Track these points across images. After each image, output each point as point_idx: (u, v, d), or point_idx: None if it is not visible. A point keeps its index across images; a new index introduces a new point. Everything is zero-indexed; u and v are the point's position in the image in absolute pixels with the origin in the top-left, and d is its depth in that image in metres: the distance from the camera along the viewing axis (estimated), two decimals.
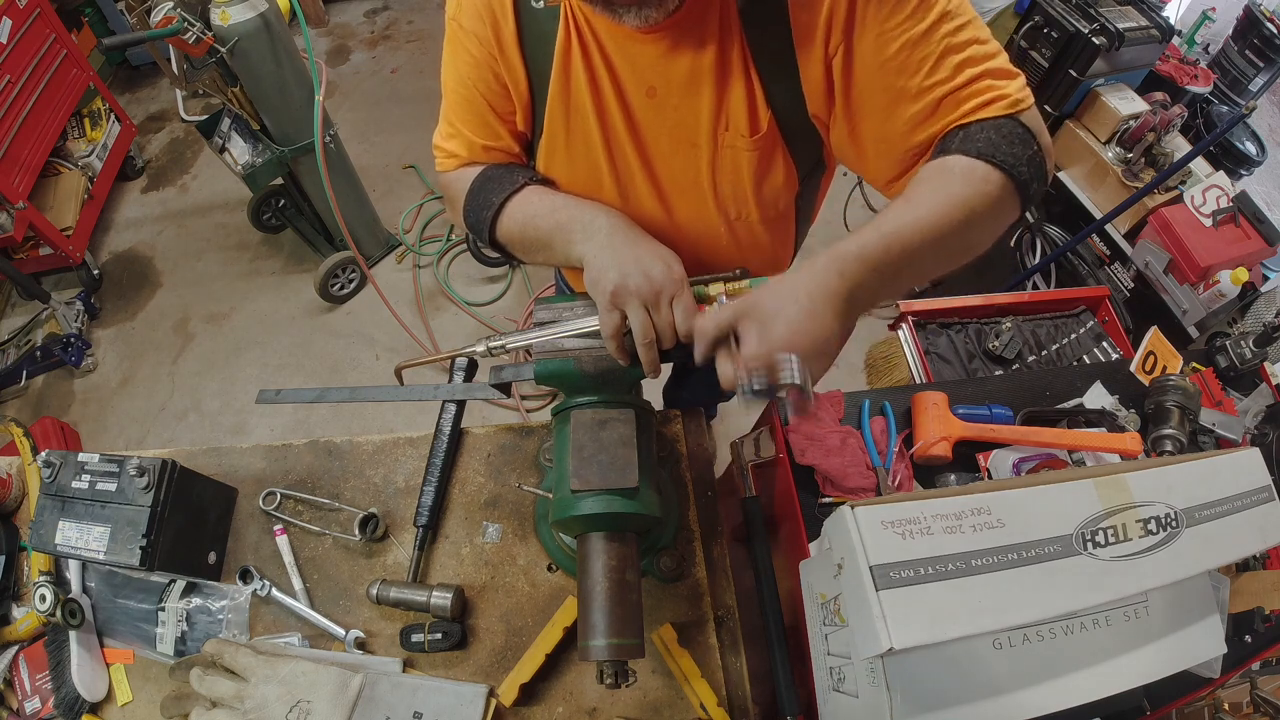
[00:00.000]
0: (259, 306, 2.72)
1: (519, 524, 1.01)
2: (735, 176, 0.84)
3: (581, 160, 0.86)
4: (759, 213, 0.89)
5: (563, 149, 0.86)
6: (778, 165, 0.84)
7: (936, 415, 1.06)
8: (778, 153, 0.82)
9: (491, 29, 0.79)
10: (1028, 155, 0.71)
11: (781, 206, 0.91)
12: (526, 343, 0.81)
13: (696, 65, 0.75)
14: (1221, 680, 0.91)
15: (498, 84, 0.84)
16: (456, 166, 0.91)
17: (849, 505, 0.65)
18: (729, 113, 0.78)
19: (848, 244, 0.66)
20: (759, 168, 0.83)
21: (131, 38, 1.77)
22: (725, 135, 0.80)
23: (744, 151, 0.80)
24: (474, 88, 0.85)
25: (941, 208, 0.67)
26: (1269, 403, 1.27)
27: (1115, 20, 2.12)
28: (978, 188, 0.68)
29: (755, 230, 0.93)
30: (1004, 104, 0.71)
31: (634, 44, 0.75)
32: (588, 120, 0.82)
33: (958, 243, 0.70)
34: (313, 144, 2.04)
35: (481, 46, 0.81)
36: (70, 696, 0.87)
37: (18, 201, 2.29)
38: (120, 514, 0.85)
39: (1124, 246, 2.15)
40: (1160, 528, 0.70)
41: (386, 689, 0.81)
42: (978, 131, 0.71)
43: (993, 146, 0.69)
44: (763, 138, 0.79)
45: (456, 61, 0.85)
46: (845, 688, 0.77)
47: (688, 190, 0.87)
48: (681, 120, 0.80)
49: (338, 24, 3.89)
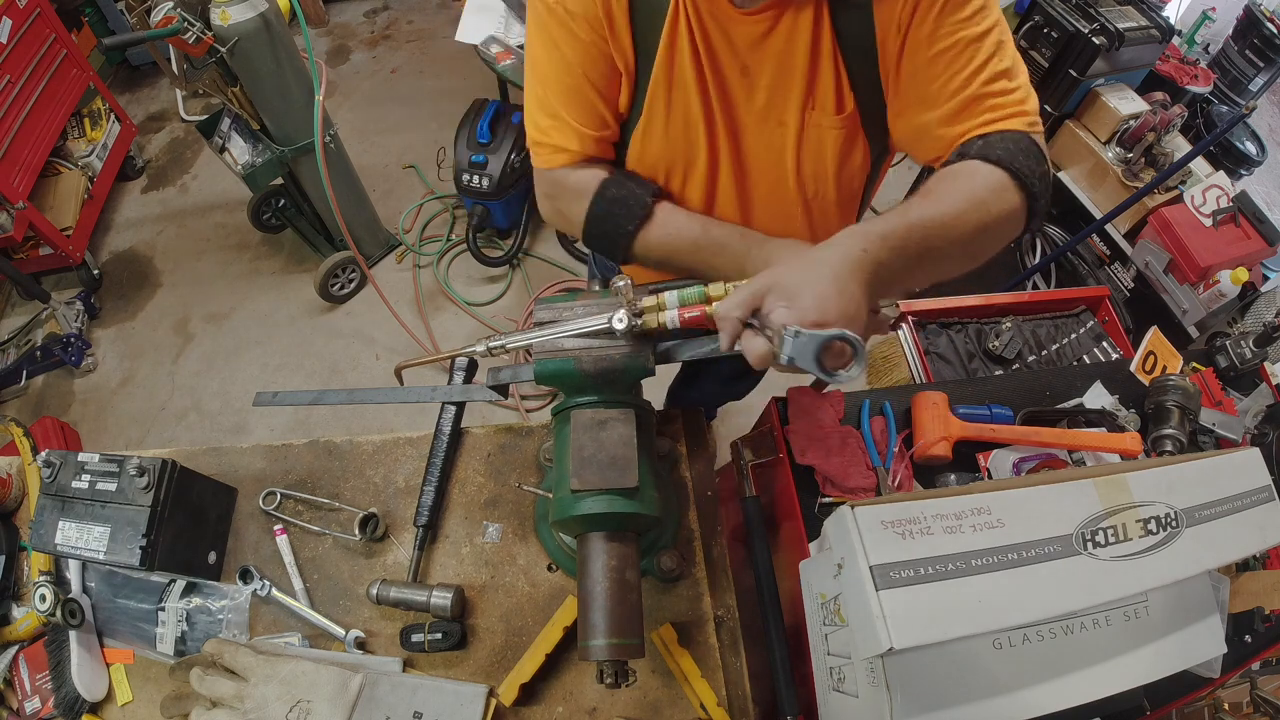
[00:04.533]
0: (259, 306, 2.71)
1: (519, 524, 1.01)
2: (819, 155, 0.87)
3: (679, 139, 0.88)
4: (836, 193, 0.92)
5: (661, 127, 0.87)
6: (858, 146, 0.87)
7: (936, 415, 1.06)
8: (859, 134, 0.86)
9: (602, 7, 0.79)
10: (1040, 171, 0.75)
11: (855, 187, 0.94)
12: (526, 343, 0.81)
13: (790, 46, 0.78)
14: (1221, 680, 0.91)
15: (607, 66, 0.84)
16: (566, 162, 0.89)
17: (849, 505, 0.66)
18: (817, 93, 0.82)
19: (870, 225, 0.68)
20: (843, 147, 0.86)
21: (131, 38, 1.77)
22: (812, 115, 0.83)
23: (829, 130, 0.84)
24: (582, 75, 0.84)
25: (961, 206, 0.71)
26: (1269, 403, 1.27)
27: (1115, 20, 2.12)
28: (996, 193, 0.72)
29: (829, 211, 0.95)
30: (1024, 121, 0.76)
31: (735, 24, 0.78)
32: (690, 97, 0.83)
33: (971, 242, 0.73)
34: (313, 144, 2.04)
35: (591, 29, 0.80)
36: (70, 696, 0.87)
37: (18, 201, 2.29)
38: (120, 514, 0.85)
39: (1124, 246, 2.15)
40: (1160, 528, 0.70)
41: (386, 689, 0.81)
42: (998, 141, 0.74)
43: (1011, 156, 0.73)
44: (848, 117, 0.83)
45: (559, 48, 0.83)
46: (845, 688, 0.77)
47: (770, 170, 0.90)
48: (771, 99, 0.83)
49: (338, 24, 3.88)
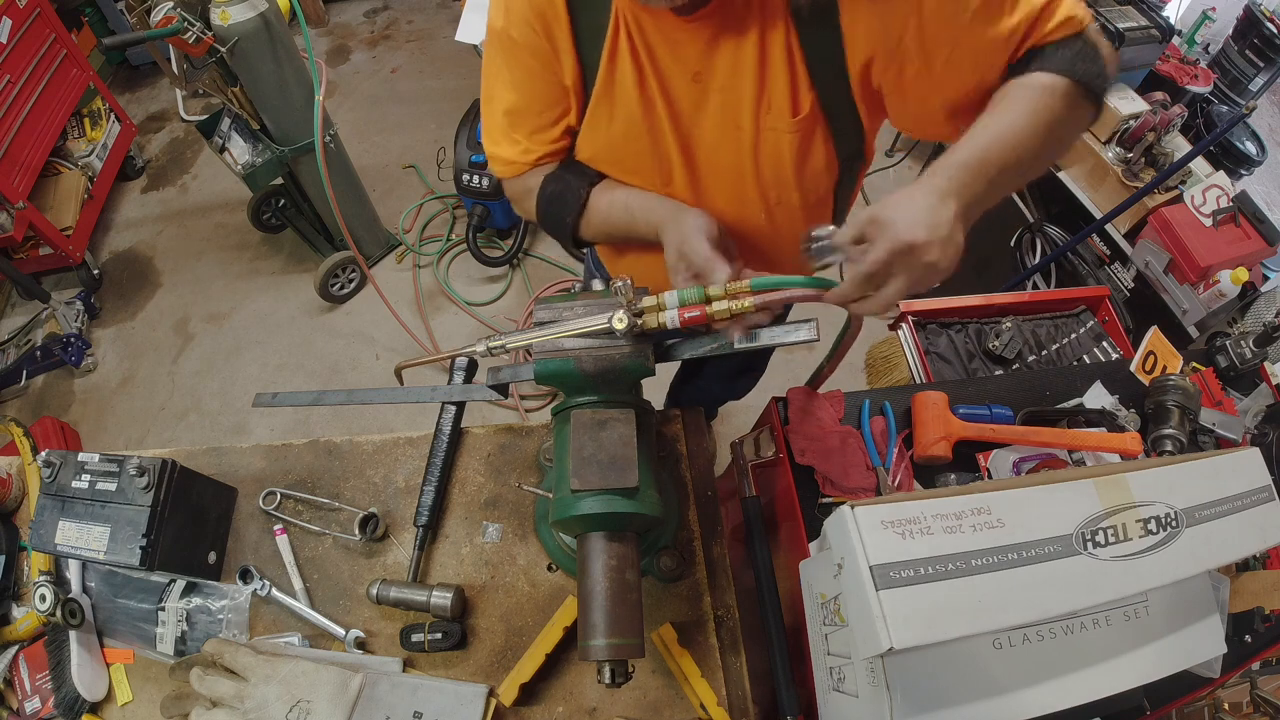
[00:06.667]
0: (259, 306, 2.71)
1: (519, 524, 1.01)
2: (776, 159, 0.85)
3: (622, 146, 0.88)
4: (799, 197, 0.91)
5: (605, 135, 0.88)
6: (818, 148, 0.85)
7: (936, 415, 1.06)
8: (818, 135, 0.84)
9: (544, 33, 0.81)
10: (1099, 70, 0.75)
11: (821, 192, 0.93)
12: (526, 342, 0.81)
13: (740, 48, 0.77)
14: (1221, 680, 0.91)
15: (552, 86, 0.86)
16: (515, 173, 0.96)
17: (849, 505, 0.65)
18: (770, 94, 0.80)
19: (945, 157, 0.70)
20: (800, 149, 0.84)
21: (131, 38, 1.77)
22: (767, 117, 0.81)
23: (785, 133, 0.82)
24: (529, 96, 0.88)
25: (1029, 118, 0.72)
26: (1269, 403, 1.27)
27: (1115, 20, 2.12)
28: (1061, 100, 0.73)
29: (795, 216, 0.94)
30: (1074, 25, 0.74)
31: (678, 31, 0.77)
32: (631, 107, 0.83)
33: (1044, 150, 0.74)
34: (313, 144, 2.04)
35: (535, 56, 0.83)
36: (70, 696, 0.87)
37: (18, 201, 2.29)
38: (120, 514, 0.85)
39: (1124, 246, 2.15)
40: (1160, 528, 0.70)
41: (386, 689, 0.81)
42: (1053, 51, 0.74)
43: (1069, 64, 0.73)
44: (804, 119, 0.81)
45: (509, 73, 0.87)
46: (845, 688, 0.77)
47: (728, 173, 0.89)
48: (725, 103, 0.82)
49: (338, 24, 3.88)
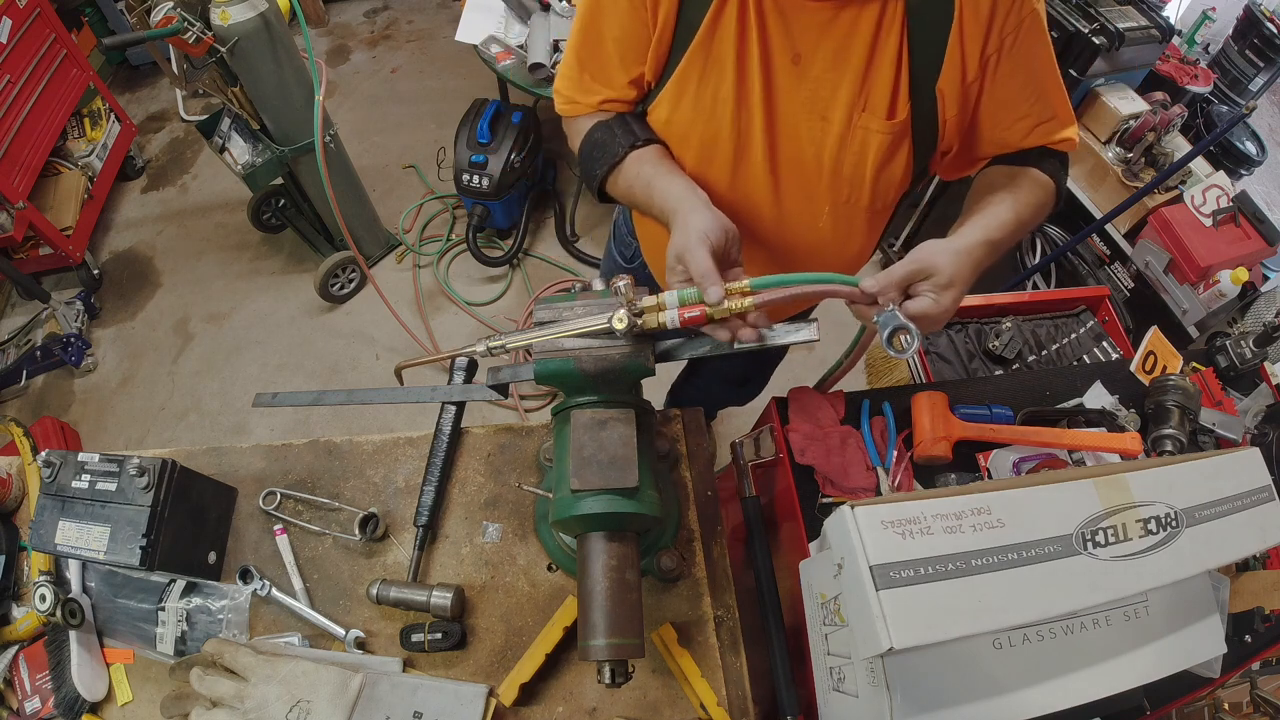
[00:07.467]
0: (259, 306, 2.71)
1: (519, 524, 1.01)
2: (860, 157, 0.85)
3: (706, 116, 0.86)
4: (870, 199, 0.90)
5: (691, 102, 0.86)
6: (901, 155, 0.86)
7: (936, 415, 1.06)
8: (904, 145, 0.85)
9: None
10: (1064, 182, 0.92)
11: (890, 199, 0.93)
12: (526, 342, 0.81)
13: (850, 39, 0.76)
14: (1221, 680, 0.91)
15: (638, 38, 0.84)
16: (573, 112, 0.96)
17: (849, 505, 0.65)
18: (870, 94, 0.80)
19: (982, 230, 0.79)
20: (887, 152, 0.84)
21: (131, 38, 1.77)
22: (861, 115, 0.81)
23: (877, 134, 0.82)
24: (611, 39, 0.86)
25: (1030, 209, 0.86)
26: (1269, 403, 1.27)
27: (1115, 20, 2.12)
28: (1047, 200, 0.89)
29: (857, 218, 0.94)
30: (1069, 145, 0.89)
31: (795, 9, 0.76)
32: (724, 77, 0.82)
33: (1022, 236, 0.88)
34: (313, 144, 2.03)
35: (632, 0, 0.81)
36: (70, 696, 0.87)
37: (18, 201, 2.29)
38: (120, 514, 0.85)
39: (1124, 246, 2.15)
40: (1160, 527, 0.70)
41: (386, 689, 0.81)
42: (1051, 156, 0.89)
43: (1056, 172, 0.89)
44: (898, 124, 0.81)
45: (601, 8, 0.85)
46: (845, 688, 0.77)
47: (804, 165, 0.88)
48: (818, 92, 0.81)
49: (338, 24, 3.88)
